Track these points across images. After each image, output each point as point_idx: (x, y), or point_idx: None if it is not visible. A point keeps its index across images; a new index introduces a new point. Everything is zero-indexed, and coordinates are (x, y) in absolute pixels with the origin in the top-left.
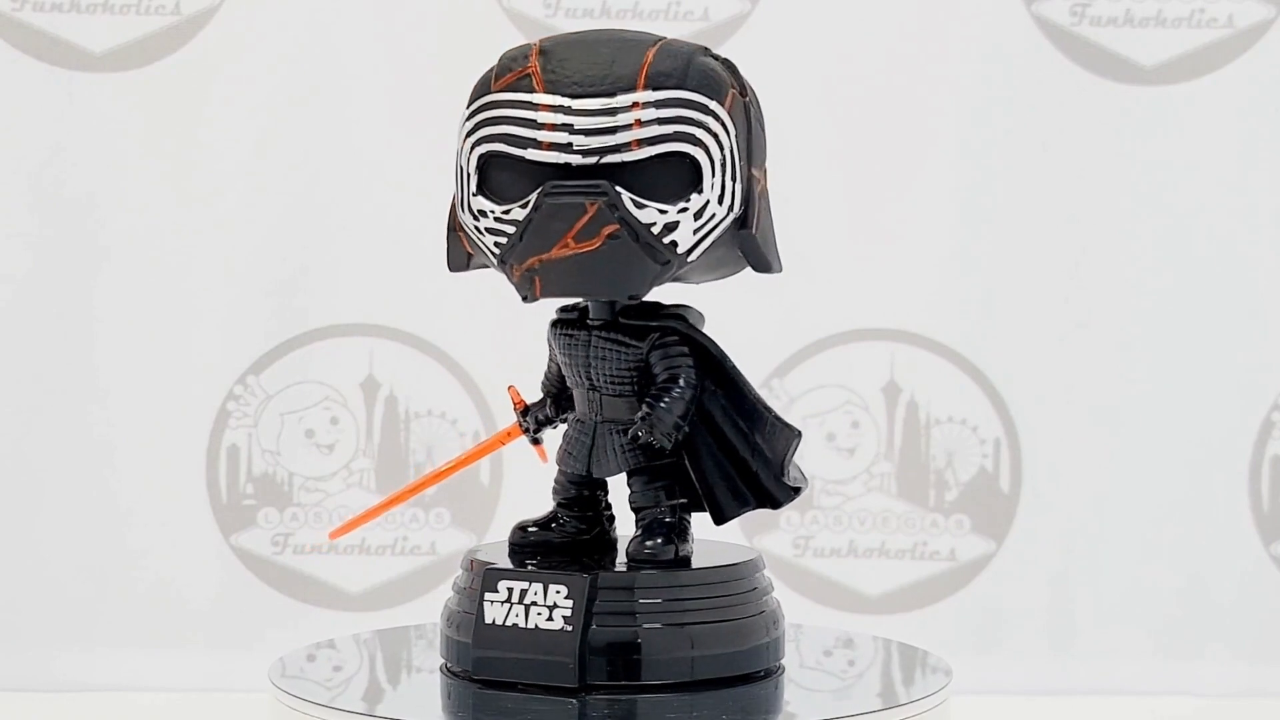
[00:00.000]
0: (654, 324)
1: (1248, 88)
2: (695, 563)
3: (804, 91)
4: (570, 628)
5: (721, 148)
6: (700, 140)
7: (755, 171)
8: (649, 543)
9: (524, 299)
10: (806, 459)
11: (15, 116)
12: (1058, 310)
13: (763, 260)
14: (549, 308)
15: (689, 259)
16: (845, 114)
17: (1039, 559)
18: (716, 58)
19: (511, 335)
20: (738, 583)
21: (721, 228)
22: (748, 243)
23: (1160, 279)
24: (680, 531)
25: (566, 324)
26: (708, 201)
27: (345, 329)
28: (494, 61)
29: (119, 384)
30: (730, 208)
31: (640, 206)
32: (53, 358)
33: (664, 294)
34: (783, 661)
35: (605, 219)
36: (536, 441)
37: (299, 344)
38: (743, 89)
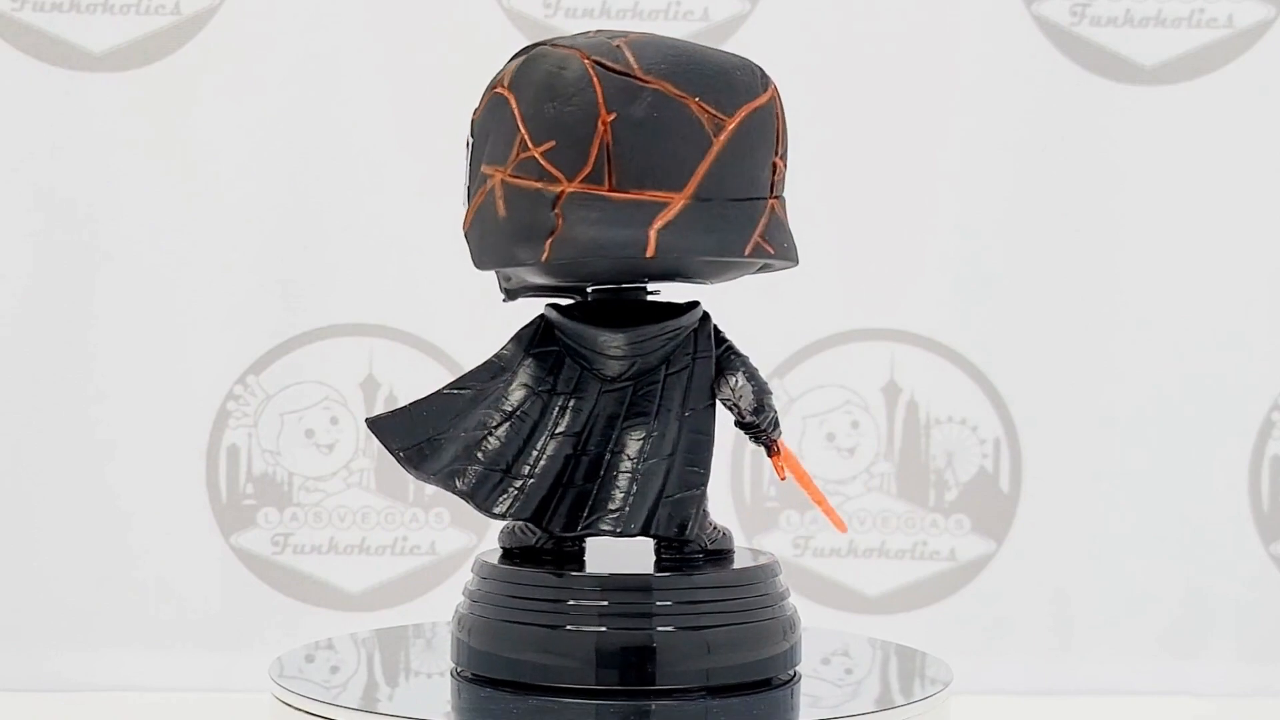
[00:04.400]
0: None
1: (1248, 88)
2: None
3: (803, 91)
4: None
5: (469, 149)
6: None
7: (485, 168)
8: None
9: None
10: (807, 459)
11: (15, 116)
12: (1057, 310)
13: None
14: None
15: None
16: (844, 113)
17: (1039, 559)
18: (563, 45)
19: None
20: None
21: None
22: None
23: (1160, 279)
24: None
25: None
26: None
27: (345, 329)
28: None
29: (119, 384)
30: (466, 206)
31: None
32: (53, 358)
33: (674, 294)
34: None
35: None
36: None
37: (299, 344)
38: (512, 85)
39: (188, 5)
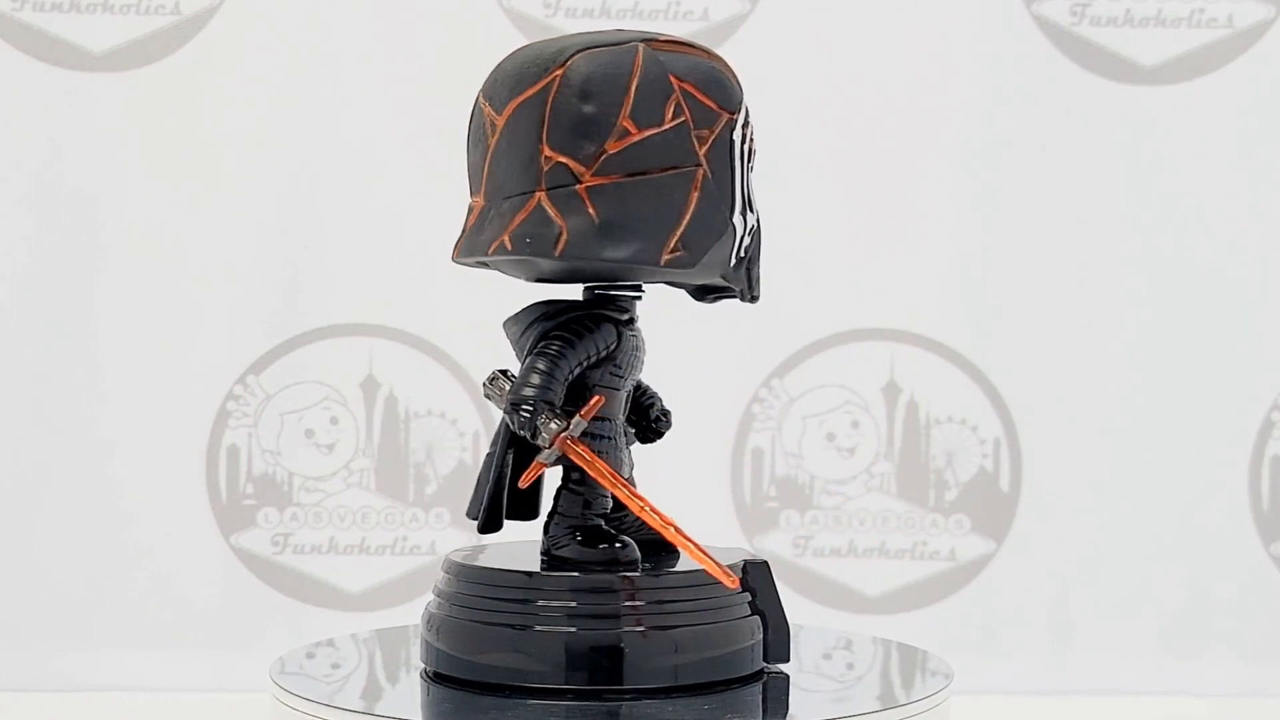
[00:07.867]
0: None
1: (1248, 88)
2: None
3: (803, 91)
4: None
5: None
6: None
7: None
8: None
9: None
10: (807, 459)
11: (15, 116)
12: (1058, 310)
13: None
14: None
15: None
16: (845, 114)
17: (1039, 559)
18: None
19: None
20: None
21: None
22: None
23: (1160, 279)
24: None
25: (630, 322)
26: None
27: (345, 329)
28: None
29: (119, 384)
30: None
31: None
32: (53, 358)
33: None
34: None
35: None
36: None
37: (299, 344)
38: None
39: (188, 5)
